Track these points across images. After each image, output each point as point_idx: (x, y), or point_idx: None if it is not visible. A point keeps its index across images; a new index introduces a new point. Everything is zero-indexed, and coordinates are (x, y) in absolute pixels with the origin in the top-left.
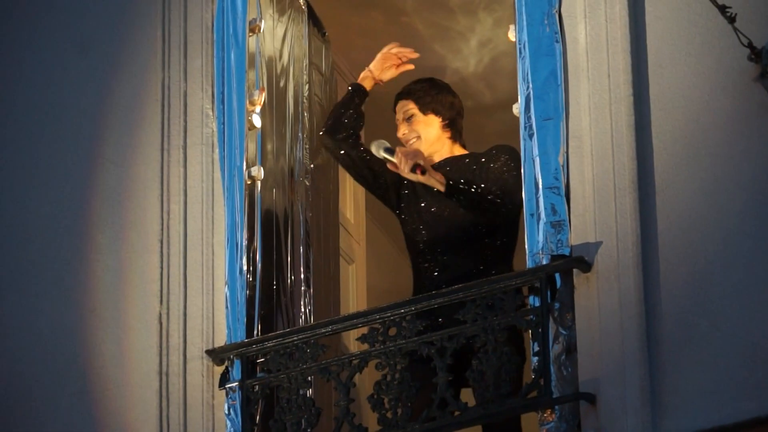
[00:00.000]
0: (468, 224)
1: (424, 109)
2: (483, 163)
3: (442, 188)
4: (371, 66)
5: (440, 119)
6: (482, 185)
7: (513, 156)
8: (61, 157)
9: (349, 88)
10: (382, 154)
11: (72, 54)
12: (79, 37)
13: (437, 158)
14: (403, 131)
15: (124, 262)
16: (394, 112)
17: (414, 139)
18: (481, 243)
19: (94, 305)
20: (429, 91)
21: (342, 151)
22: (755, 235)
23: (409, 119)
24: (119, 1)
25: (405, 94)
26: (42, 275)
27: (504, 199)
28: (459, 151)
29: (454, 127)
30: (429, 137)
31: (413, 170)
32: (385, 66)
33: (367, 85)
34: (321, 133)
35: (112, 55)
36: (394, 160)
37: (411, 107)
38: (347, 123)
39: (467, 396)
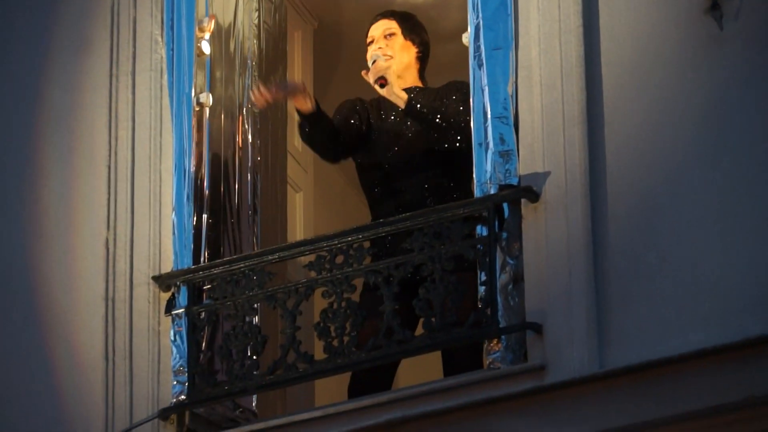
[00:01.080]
0: (429, 146)
1: (406, 33)
2: (440, 92)
3: (402, 104)
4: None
5: (416, 49)
6: (440, 110)
7: (467, 90)
8: (8, 80)
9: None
10: (369, 64)
11: None
12: None
13: (402, 85)
14: (379, 45)
15: (71, 187)
16: (367, 32)
17: (388, 57)
18: (441, 167)
19: (40, 230)
20: (413, 19)
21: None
22: (703, 167)
23: (388, 36)
24: None
25: (389, 14)
26: None
27: (457, 123)
28: (420, 85)
29: (423, 64)
30: (402, 60)
31: (376, 81)
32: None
33: (303, 106)
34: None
35: None
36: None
37: (394, 26)
38: (327, 143)
39: None
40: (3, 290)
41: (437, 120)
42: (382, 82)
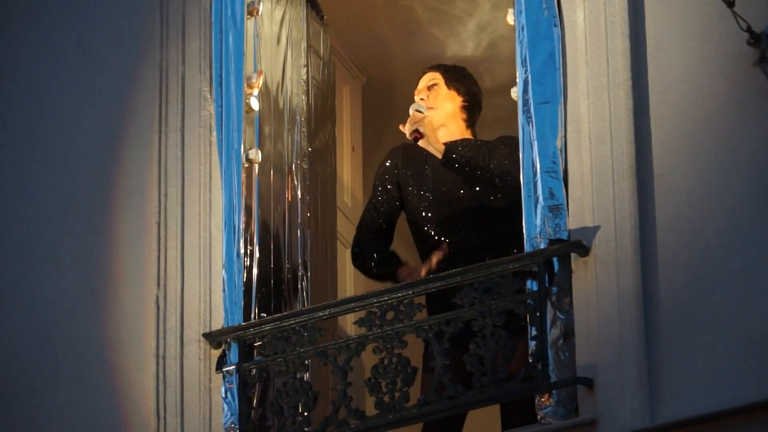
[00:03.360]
0: (473, 204)
1: (449, 83)
2: (491, 146)
3: (439, 155)
4: None
5: (461, 99)
6: (482, 164)
7: (517, 146)
8: (61, 143)
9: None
10: (410, 111)
11: (71, 40)
12: (77, 24)
13: (447, 135)
14: (421, 97)
15: (121, 245)
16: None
17: (428, 108)
18: (487, 223)
19: (91, 289)
20: (459, 70)
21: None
22: (754, 221)
23: (431, 87)
24: None
25: (434, 66)
26: (41, 259)
27: (502, 178)
28: (469, 136)
29: (471, 114)
30: (445, 110)
31: (411, 134)
32: None
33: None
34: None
35: (111, 38)
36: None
37: (437, 77)
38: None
39: None
40: (54, 348)
41: (478, 174)
42: (416, 135)
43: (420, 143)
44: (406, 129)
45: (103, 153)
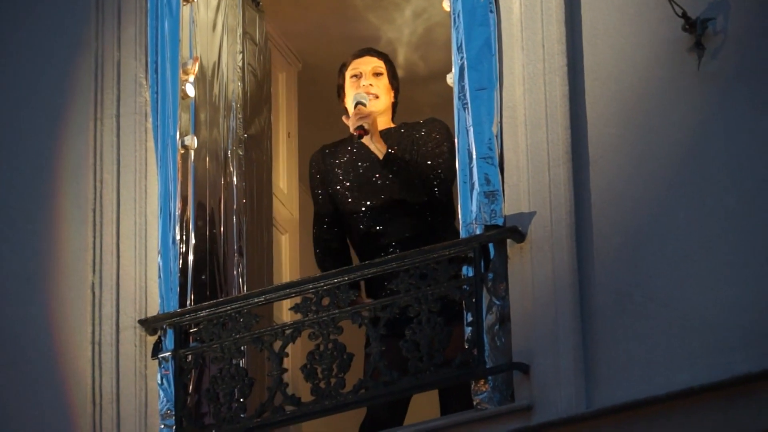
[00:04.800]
0: (404, 197)
1: (390, 77)
2: (416, 138)
3: (380, 155)
4: None
5: (393, 93)
6: (418, 168)
7: (443, 130)
8: None
9: None
10: (351, 104)
11: (7, 27)
12: (13, 10)
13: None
14: (369, 82)
15: (57, 230)
16: (345, 64)
17: (373, 97)
18: (418, 216)
19: (26, 274)
20: (393, 65)
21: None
22: (688, 206)
23: (377, 75)
24: None
25: (376, 52)
26: None
27: (441, 175)
28: (391, 125)
29: (395, 110)
30: (384, 103)
31: (355, 129)
32: None
33: None
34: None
35: (46, 23)
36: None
37: (382, 67)
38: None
39: None
40: None
41: (413, 178)
42: (361, 132)
43: (363, 140)
44: (351, 123)
45: (39, 139)
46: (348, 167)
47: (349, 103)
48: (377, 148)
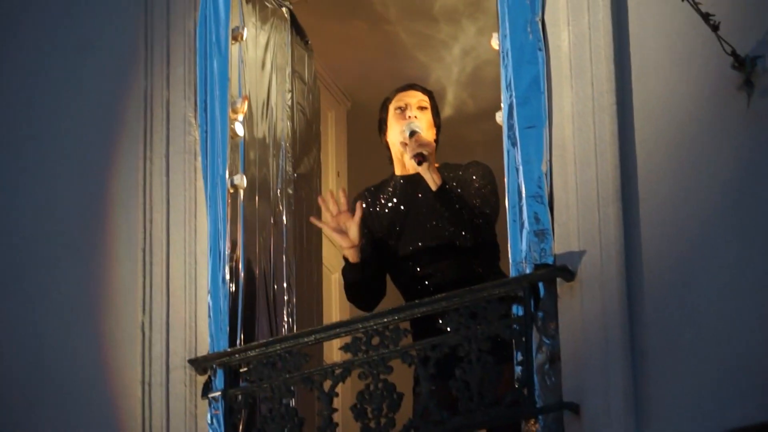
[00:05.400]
0: (453, 239)
1: (434, 114)
2: (460, 177)
3: (434, 187)
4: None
5: (435, 131)
6: (469, 203)
7: (487, 173)
8: (46, 166)
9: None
10: (406, 134)
11: (57, 67)
12: (63, 46)
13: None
14: (415, 114)
15: (107, 270)
16: (389, 98)
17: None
18: (465, 258)
19: (77, 314)
20: (436, 102)
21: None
22: (738, 244)
23: (421, 109)
24: (102, 9)
25: (421, 88)
26: (27, 284)
27: (485, 214)
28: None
29: (436, 147)
30: (427, 137)
31: (415, 156)
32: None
33: (352, 256)
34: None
35: (96, 64)
36: (407, 141)
37: (427, 102)
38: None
39: None
40: (40, 375)
41: (463, 213)
42: (420, 159)
43: (420, 168)
44: (410, 149)
45: (89, 179)
46: (395, 208)
47: (394, 136)
48: (432, 178)
